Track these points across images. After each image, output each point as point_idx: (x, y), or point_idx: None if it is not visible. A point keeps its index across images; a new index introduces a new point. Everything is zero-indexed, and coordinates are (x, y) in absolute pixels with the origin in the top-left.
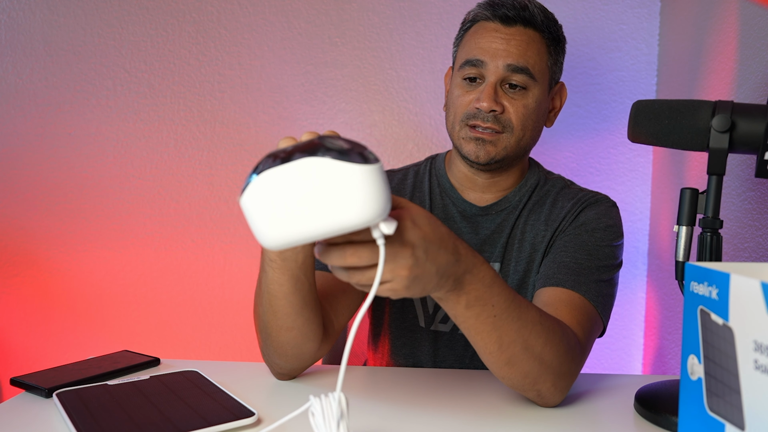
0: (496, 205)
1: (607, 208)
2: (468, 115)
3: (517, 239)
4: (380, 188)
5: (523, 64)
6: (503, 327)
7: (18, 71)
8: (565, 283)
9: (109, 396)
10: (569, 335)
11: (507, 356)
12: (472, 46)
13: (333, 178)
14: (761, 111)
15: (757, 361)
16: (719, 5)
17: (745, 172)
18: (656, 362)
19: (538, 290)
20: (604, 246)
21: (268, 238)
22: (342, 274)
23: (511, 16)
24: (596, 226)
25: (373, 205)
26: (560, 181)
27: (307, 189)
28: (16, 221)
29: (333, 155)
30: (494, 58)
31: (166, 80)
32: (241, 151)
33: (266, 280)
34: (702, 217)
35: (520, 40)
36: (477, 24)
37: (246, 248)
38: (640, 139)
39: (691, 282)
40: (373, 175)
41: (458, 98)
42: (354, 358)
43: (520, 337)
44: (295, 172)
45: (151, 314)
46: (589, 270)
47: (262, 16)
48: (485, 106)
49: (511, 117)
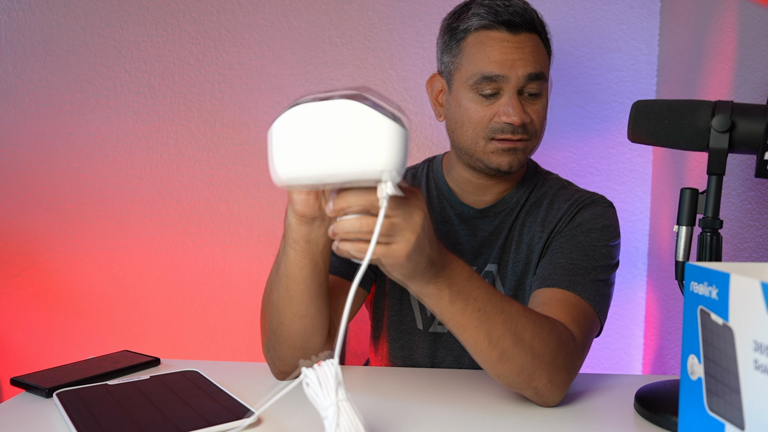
0: (493, 207)
1: (603, 208)
2: (494, 130)
3: (514, 241)
4: (401, 149)
5: (539, 70)
6: (489, 321)
7: (18, 71)
8: (561, 284)
9: (109, 396)
10: (560, 329)
11: (499, 351)
12: (482, 59)
13: (363, 124)
14: (761, 111)
15: (757, 361)
16: (719, 5)
17: (745, 172)
18: (656, 362)
19: (534, 291)
20: (600, 246)
21: (284, 168)
22: (347, 233)
23: (518, 23)
24: (592, 226)
25: (392, 160)
26: (557, 182)
27: (337, 128)
28: (16, 221)
29: (369, 104)
30: (513, 69)
31: (166, 80)
32: (241, 151)
33: (287, 263)
34: (702, 217)
35: (531, 46)
36: (478, 33)
37: (246, 248)
38: (640, 139)
39: (691, 282)
40: (399, 135)
41: (476, 113)
42: (354, 358)
43: (508, 330)
44: (331, 109)
45: (151, 314)
46: (586, 270)
47: (262, 16)
48: (516, 120)
49: (536, 124)
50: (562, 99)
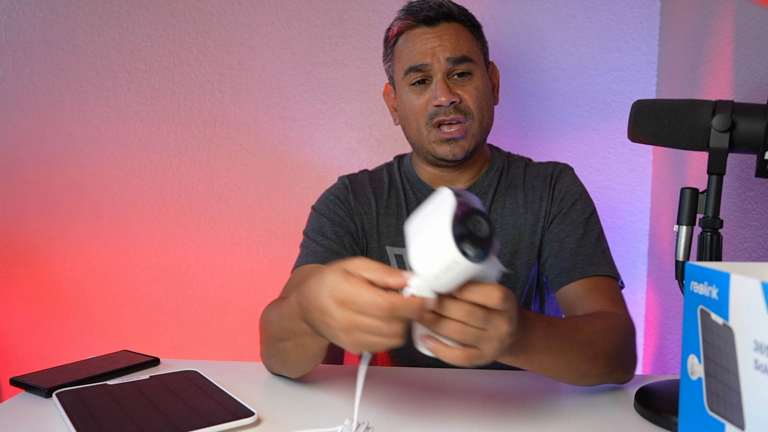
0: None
1: (571, 176)
2: (430, 115)
3: (498, 223)
4: (447, 269)
5: (460, 54)
6: (566, 357)
7: (18, 71)
8: (586, 272)
9: (109, 396)
10: (614, 321)
11: (580, 373)
12: (408, 54)
13: (437, 223)
14: (761, 111)
15: (757, 361)
16: (719, 5)
17: (745, 172)
18: (656, 362)
19: (564, 287)
20: (588, 214)
21: (435, 283)
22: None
23: (433, 16)
24: (572, 198)
25: (430, 270)
26: (521, 161)
27: (429, 215)
28: (16, 221)
29: (457, 215)
30: (434, 56)
31: (166, 80)
32: (241, 151)
33: (306, 341)
34: (702, 217)
35: (450, 33)
36: (403, 35)
37: (246, 248)
38: (640, 139)
39: (691, 282)
40: (453, 258)
41: (413, 103)
42: (353, 356)
43: (584, 355)
44: (479, 268)
45: (151, 314)
46: (594, 246)
47: (262, 16)
48: (443, 99)
49: (469, 103)
50: (562, 99)
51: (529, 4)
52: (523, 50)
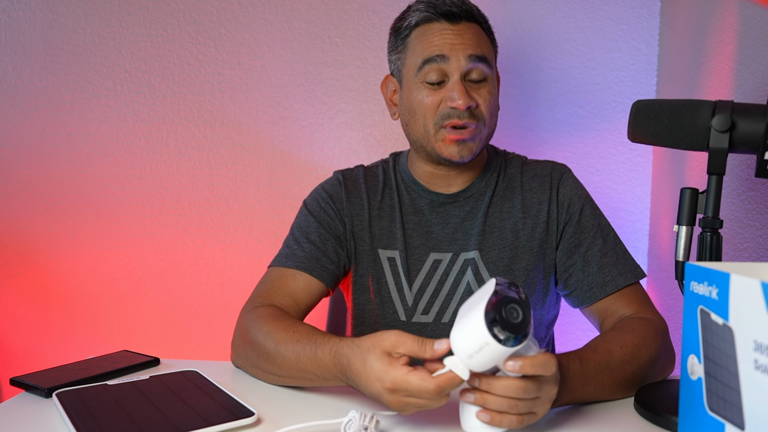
0: (464, 192)
1: (572, 179)
2: (442, 116)
3: (496, 228)
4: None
5: (481, 54)
6: (605, 384)
7: (18, 71)
8: (618, 285)
9: (109, 396)
10: (647, 328)
11: (623, 392)
12: (424, 46)
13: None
14: (761, 111)
15: (757, 361)
16: (719, 5)
17: (745, 172)
18: None
19: (600, 302)
20: (598, 218)
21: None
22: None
23: (456, 12)
24: (579, 202)
25: (463, 348)
26: (517, 160)
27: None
28: (16, 221)
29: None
30: (453, 51)
31: (166, 80)
32: (241, 151)
33: (331, 383)
34: (702, 217)
35: (471, 33)
36: (420, 27)
37: (246, 248)
38: (640, 139)
39: (691, 282)
40: (484, 340)
41: (424, 100)
42: None
43: (624, 376)
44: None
45: (151, 314)
46: (616, 253)
47: (262, 16)
48: (461, 103)
49: (483, 109)
50: (562, 99)
51: (529, 4)
52: (523, 50)
